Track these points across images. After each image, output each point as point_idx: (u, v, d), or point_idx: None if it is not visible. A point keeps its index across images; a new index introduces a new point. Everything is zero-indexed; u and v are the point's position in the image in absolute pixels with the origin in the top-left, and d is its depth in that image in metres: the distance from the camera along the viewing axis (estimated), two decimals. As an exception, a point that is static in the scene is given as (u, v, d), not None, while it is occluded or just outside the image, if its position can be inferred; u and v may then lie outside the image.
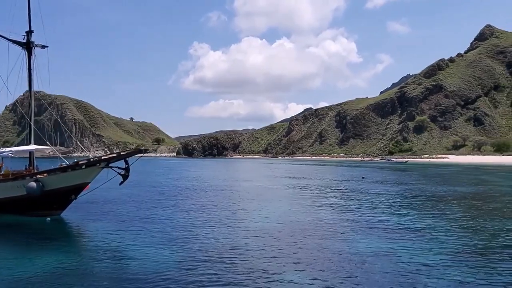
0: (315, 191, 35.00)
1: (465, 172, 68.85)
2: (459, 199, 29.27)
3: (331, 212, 22.91)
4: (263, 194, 32.45)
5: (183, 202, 27.42)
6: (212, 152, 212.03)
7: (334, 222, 19.89)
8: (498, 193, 33.45)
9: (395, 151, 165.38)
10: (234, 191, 35.45)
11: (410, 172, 67.57)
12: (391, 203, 27.04)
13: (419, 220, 20.45)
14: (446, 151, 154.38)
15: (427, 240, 15.86)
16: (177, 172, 67.46)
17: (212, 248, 14.48)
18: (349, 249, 14.52)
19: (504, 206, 25.62)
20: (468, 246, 14.97)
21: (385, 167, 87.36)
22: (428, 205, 25.98)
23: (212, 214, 22.34)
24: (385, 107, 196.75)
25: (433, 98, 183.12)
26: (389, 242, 15.49)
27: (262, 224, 19.45)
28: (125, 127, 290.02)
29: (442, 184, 42.32)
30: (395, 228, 18.25)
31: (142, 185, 41.20)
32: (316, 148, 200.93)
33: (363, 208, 24.71)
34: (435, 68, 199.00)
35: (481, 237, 16.63)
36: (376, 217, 21.36)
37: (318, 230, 17.91)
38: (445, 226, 18.89)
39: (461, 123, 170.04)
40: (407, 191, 34.65)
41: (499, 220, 20.48)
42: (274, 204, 26.62)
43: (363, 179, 50.76)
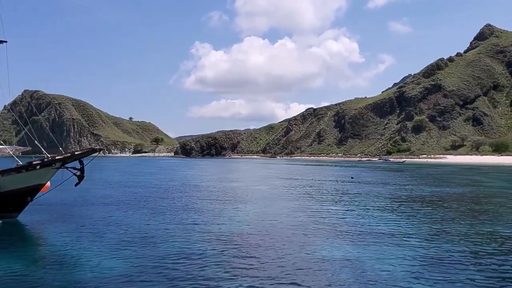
0: (298, 192, 34.18)
1: (459, 172, 67.96)
2: (442, 201, 28.42)
3: (306, 214, 22.12)
4: (243, 195, 31.62)
5: (155, 204, 26.59)
6: (210, 152, 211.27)
7: (305, 225, 19.11)
8: (484, 194, 32.58)
9: (393, 151, 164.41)
10: (214, 192, 34.61)
11: (402, 173, 66.70)
12: (371, 205, 26.21)
13: (394, 223, 19.62)
14: (445, 151, 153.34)
15: (399, 246, 15.02)
16: (166, 172, 66.67)
17: (167, 254, 13.74)
18: (314, 254, 13.76)
19: (486, 209, 24.77)
20: (442, 252, 14.16)
21: (380, 167, 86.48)
22: (408, 208, 25.12)
23: (180, 216, 21.54)
24: (384, 106, 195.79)
25: (431, 97, 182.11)
26: (357, 247, 14.72)
27: (228, 227, 18.66)
28: (124, 126, 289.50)
29: (430, 185, 41.47)
30: (368, 232, 17.44)
31: (120, 185, 40.48)
32: (315, 148, 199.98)
33: (340, 210, 23.89)
34: (434, 67, 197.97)
35: (456, 242, 15.78)
36: (352, 219, 20.59)
37: (287, 234, 17.15)
38: (420, 230, 18.08)
39: (460, 123, 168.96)
40: (391, 192, 33.80)
41: (479, 224, 19.62)
42: (249, 206, 25.79)
43: (351, 179, 49.96)
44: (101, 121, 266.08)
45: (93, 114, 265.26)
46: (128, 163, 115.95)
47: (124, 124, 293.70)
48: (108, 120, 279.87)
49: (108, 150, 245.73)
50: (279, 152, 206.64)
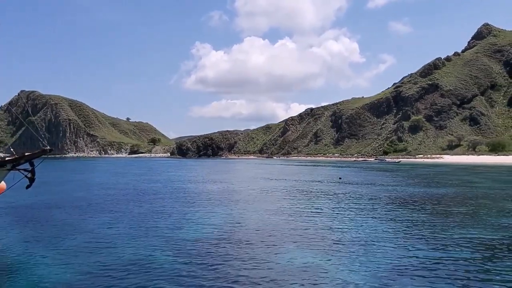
0: (278, 194, 33.23)
1: (451, 172, 66.93)
2: (421, 202, 27.43)
3: (276, 218, 21.23)
4: (218, 198, 30.66)
5: (125, 207, 25.61)
6: (207, 153, 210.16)
7: (272, 229, 18.23)
8: (467, 195, 31.54)
9: (389, 151, 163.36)
10: (191, 194, 33.58)
11: (393, 173, 65.67)
12: (349, 206, 25.28)
13: (367, 227, 18.75)
14: (441, 151, 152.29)
15: (369, 253, 14.08)
16: (152, 174, 65.62)
17: (118, 262, 12.98)
18: (273, 263, 12.91)
19: (464, 211, 23.76)
20: (416, 260, 13.27)
21: (373, 168, 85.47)
22: (385, 210, 24.14)
23: (145, 221, 20.63)
24: (381, 106, 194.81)
25: (428, 97, 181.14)
26: (323, 254, 13.88)
27: (190, 232, 17.82)
28: (121, 127, 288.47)
29: (416, 186, 40.46)
30: (338, 238, 16.55)
31: (97, 187, 39.48)
32: (311, 148, 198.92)
33: (317, 212, 22.99)
34: (431, 67, 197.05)
35: (431, 248, 14.83)
36: (324, 223, 19.67)
37: (248, 240, 16.22)
38: (394, 235, 17.10)
39: (457, 123, 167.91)
40: (374, 194, 32.78)
41: (451, 227, 18.63)
42: (221, 209, 24.82)
43: (339, 180, 48.99)
44: (98, 121, 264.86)
45: (90, 115, 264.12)
46: (120, 164, 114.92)
47: (121, 125, 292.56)
48: (105, 120, 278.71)
49: (104, 150, 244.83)
50: (276, 152, 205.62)
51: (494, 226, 18.83)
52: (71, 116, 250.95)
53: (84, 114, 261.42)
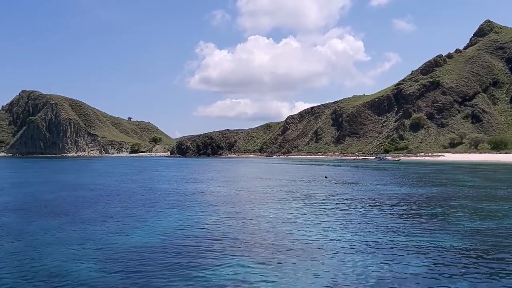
0: (252, 195, 31.96)
1: (447, 171, 65.18)
2: (396, 203, 25.91)
3: (234, 223, 20.03)
4: (190, 199, 29.51)
5: (78, 211, 24.39)
6: (207, 152, 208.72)
7: (227, 235, 16.95)
8: (450, 195, 29.93)
9: (390, 149, 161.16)
10: (165, 195, 32.26)
11: (386, 172, 64.00)
12: (322, 208, 23.87)
13: (332, 230, 17.40)
14: (443, 149, 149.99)
15: (324, 260, 12.70)
16: (139, 173, 64.36)
17: (38, 273, 11.97)
18: (216, 275, 11.78)
19: (438, 213, 22.22)
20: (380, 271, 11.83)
21: (369, 166, 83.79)
22: (358, 211, 22.65)
23: (97, 225, 19.53)
24: (382, 104, 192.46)
25: (430, 95, 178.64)
26: (264, 265, 12.62)
27: (137, 239, 16.59)
28: (123, 126, 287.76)
29: (400, 185, 38.90)
30: (302, 243, 15.18)
31: (69, 189, 38.26)
32: (312, 146, 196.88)
33: (280, 216, 21.64)
34: (432, 64, 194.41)
35: (389, 254, 13.34)
36: (280, 227, 18.39)
37: (195, 248, 14.95)
38: (362, 240, 15.67)
39: (459, 120, 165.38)
40: (353, 193, 31.29)
41: (418, 233, 17.12)
42: (185, 211, 23.63)
43: (325, 179, 47.50)
44: (99, 121, 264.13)
45: (90, 114, 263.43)
46: (114, 163, 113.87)
47: (122, 124, 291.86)
48: (106, 120, 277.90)
49: (105, 150, 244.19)
50: (276, 151, 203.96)
51: (459, 231, 17.31)
52: (71, 116, 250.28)
53: (85, 113, 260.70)
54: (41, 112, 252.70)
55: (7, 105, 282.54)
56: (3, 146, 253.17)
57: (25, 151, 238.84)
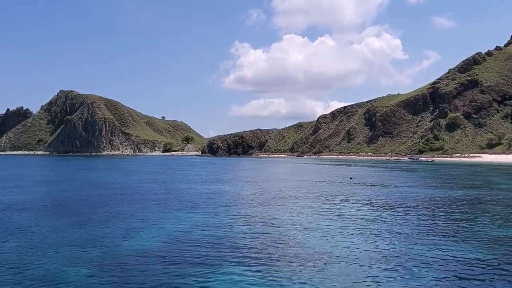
0: (267, 197, 31.07)
1: (481, 173, 62.16)
2: (415, 206, 24.33)
3: (240, 228, 19.13)
4: (200, 200, 29.00)
5: (88, 210, 24.21)
6: (237, 151, 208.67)
7: (238, 240, 16.24)
8: (478, 199, 28.02)
9: (425, 149, 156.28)
10: (176, 195, 31.82)
11: (415, 173, 61.60)
12: (335, 212, 22.71)
13: (345, 239, 16.41)
14: (480, 149, 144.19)
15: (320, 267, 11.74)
16: (164, 172, 64.42)
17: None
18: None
19: (461, 218, 20.62)
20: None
21: (399, 167, 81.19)
22: (369, 214, 21.35)
23: (102, 225, 19.28)
24: (417, 103, 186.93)
25: (467, 94, 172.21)
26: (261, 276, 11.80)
27: (136, 242, 16.01)
28: (156, 126, 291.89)
29: (430, 187, 37.01)
30: (303, 252, 14.26)
31: (91, 187, 38.37)
32: (344, 147, 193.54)
33: (295, 220, 20.68)
34: (470, 62, 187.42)
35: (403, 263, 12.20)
36: (296, 234, 17.37)
37: (204, 252, 14.32)
38: (372, 248, 14.58)
39: (497, 120, 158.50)
40: (374, 197, 29.84)
41: (433, 240, 15.77)
42: (187, 214, 22.93)
43: (350, 180, 45.99)
44: (133, 120, 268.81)
45: (125, 114, 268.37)
46: (144, 162, 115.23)
47: (156, 124, 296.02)
48: (140, 119, 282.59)
49: (138, 149, 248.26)
50: (307, 151, 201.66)
51: (482, 240, 15.80)
52: (106, 115, 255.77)
53: (120, 113, 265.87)
54: (77, 111, 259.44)
55: (46, 104, 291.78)
56: (42, 145, 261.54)
57: (62, 149, 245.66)
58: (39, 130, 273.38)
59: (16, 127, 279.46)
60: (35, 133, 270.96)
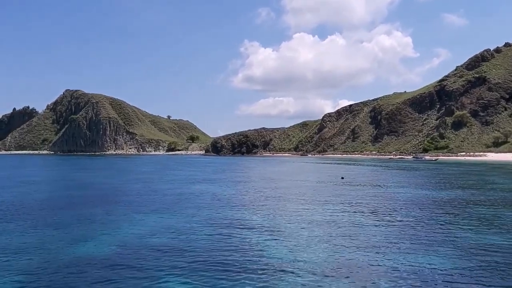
0: (257, 197, 29.96)
1: (482, 172, 60.51)
2: (407, 210, 23.06)
3: (204, 231, 18.22)
4: (180, 201, 28.00)
5: (70, 212, 23.34)
6: (241, 150, 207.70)
7: (199, 245, 15.23)
8: (475, 201, 26.61)
9: (430, 148, 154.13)
10: (156, 196, 30.86)
11: (414, 172, 60.06)
12: (313, 216, 21.45)
13: (312, 246, 15.24)
14: (486, 148, 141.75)
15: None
16: (158, 172, 63.59)
17: None
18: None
19: (453, 222, 19.32)
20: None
21: (400, 166, 79.61)
22: (355, 221, 20.09)
23: (68, 230, 18.16)
24: (423, 101, 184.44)
25: (475, 91, 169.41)
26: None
27: (84, 249, 15.03)
28: (161, 125, 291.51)
29: (423, 187, 35.59)
30: (261, 260, 13.12)
31: (76, 187, 37.50)
32: (348, 145, 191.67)
33: (267, 225, 19.57)
34: (478, 59, 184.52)
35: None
36: (261, 240, 16.22)
37: (155, 258, 13.36)
38: (335, 258, 13.38)
39: (505, 118, 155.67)
40: (359, 198, 28.52)
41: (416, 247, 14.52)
42: (159, 216, 21.90)
43: (341, 180, 44.71)
44: (137, 119, 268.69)
45: (130, 113, 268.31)
46: (145, 161, 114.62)
47: (161, 123, 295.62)
48: (145, 118, 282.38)
49: (142, 148, 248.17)
50: (311, 150, 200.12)
51: (462, 248, 14.49)
52: (111, 114, 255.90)
53: (124, 112, 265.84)
54: (82, 110, 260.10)
55: (51, 104, 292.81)
56: (46, 144, 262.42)
57: (66, 149, 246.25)
58: (44, 129, 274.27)
59: (21, 126, 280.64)
60: (40, 133, 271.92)
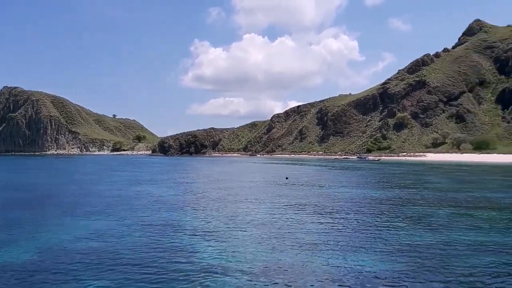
0: (193, 199, 28.95)
1: (421, 171, 62.78)
2: (343, 210, 22.99)
3: (128, 234, 17.11)
4: (116, 204, 26.52)
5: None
6: (189, 150, 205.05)
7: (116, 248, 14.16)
8: (410, 200, 27.08)
9: (373, 148, 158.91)
10: (96, 197, 29.25)
11: (356, 172, 61.31)
12: (246, 217, 20.87)
13: (238, 248, 14.42)
14: (425, 148, 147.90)
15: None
16: (98, 173, 61.13)
17: None
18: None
19: (385, 222, 19.32)
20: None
21: (344, 166, 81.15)
22: (286, 222, 19.67)
23: None
24: (367, 103, 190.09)
25: (415, 94, 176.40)
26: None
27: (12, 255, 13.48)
28: (106, 124, 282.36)
29: (363, 187, 36.05)
30: (178, 263, 12.16)
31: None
32: (296, 145, 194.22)
33: (194, 227, 18.69)
34: (419, 63, 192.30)
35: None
36: (181, 244, 15.28)
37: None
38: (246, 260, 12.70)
39: (443, 120, 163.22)
40: (297, 198, 28.34)
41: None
42: (92, 219, 20.49)
43: (286, 180, 44.71)
44: (81, 118, 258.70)
45: (72, 111, 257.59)
46: (88, 161, 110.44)
47: (106, 122, 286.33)
48: (89, 117, 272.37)
49: (86, 148, 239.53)
50: (260, 150, 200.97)
51: (390, 248, 14.34)
52: (52, 113, 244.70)
53: (67, 110, 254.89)
54: (21, 108, 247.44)
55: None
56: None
57: (3, 148, 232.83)
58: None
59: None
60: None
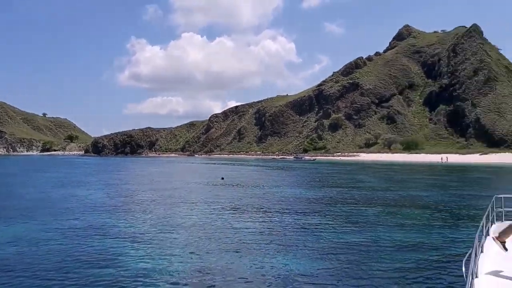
0: (120, 201, 27.74)
1: (353, 171, 64.84)
2: (274, 210, 22.92)
3: (52, 238, 15.77)
4: (31, 208, 24.84)
5: None
6: (125, 150, 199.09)
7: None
8: (340, 199, 27.59)
9: (309, 149, 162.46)
10: (6, 202, 27.23)
11: (292, 172, 62.27)
12: (174, 219, 20.18)
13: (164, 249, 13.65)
14: (359, 148, 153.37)
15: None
16: (24, 174, 57.65)
17: None
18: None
19: (314, 221, 19.38)
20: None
21: (280, 166, 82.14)
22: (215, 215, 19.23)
23: None
24: (303, 104, 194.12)
25: (349, 96, 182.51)
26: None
27: None
28: (36, 123, 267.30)
29: (296, 186, 36.41)
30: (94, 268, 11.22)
31: None
32: (235, 145, 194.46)
33: (113, 229, 17.70)
34: (353, 66, 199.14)
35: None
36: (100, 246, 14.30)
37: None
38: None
39: (375, 121, 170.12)
40: (231, 199, 28.06)
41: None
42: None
43: (222, 180, 44.40)
44: (7, 116, 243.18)
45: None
46: (13, 161, 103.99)
47: (35, 121, 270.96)
48: (16, 115, 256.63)
49: (13, 148, 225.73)
50: (198, 150, 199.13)
51: (313, 246, 14.33)
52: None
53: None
54: None
55: None
56: None
57: None
58: None
59: None
60: None
